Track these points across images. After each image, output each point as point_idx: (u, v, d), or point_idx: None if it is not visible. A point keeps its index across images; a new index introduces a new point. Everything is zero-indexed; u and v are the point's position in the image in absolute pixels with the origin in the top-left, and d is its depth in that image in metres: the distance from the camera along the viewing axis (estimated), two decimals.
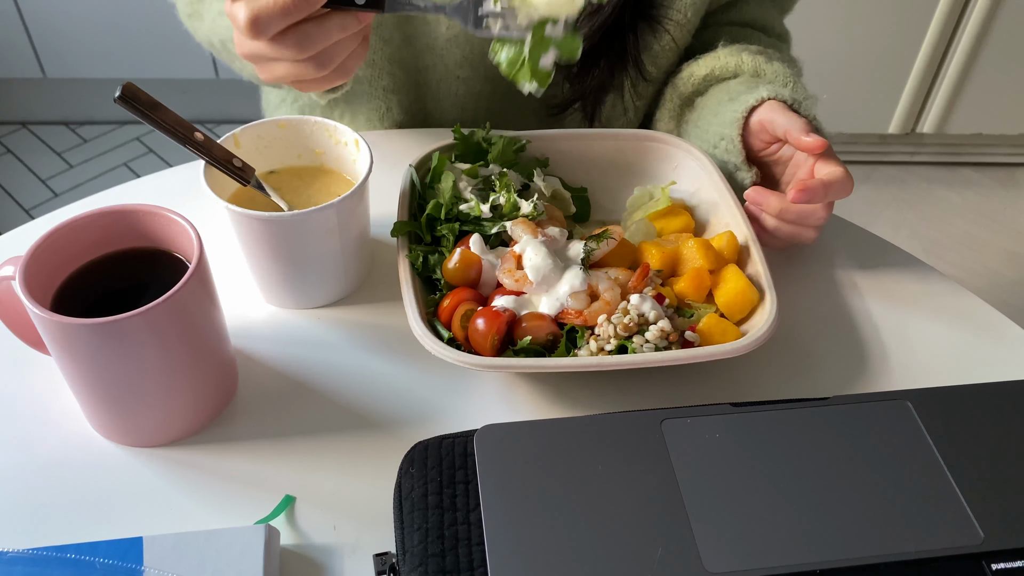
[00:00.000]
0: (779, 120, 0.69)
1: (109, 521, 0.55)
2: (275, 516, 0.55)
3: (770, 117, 0.70)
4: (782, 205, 0.67)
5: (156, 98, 0.60)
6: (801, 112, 0.70)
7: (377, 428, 0.61)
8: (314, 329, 0.68)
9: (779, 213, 0.68)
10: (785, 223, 0.69)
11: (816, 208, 0.67)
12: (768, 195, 0.68)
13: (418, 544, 0.47)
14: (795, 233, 0.69)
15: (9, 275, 0.56)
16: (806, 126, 0.68)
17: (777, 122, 0.69)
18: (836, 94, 1.96)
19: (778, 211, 0.68)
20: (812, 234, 0.70)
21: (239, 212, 0.62)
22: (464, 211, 0.69)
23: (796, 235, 0.70)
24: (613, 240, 0.67)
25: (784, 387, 0.65)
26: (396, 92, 0.87)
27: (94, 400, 0.57)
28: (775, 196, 0.68)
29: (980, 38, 1.90)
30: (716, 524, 0.47)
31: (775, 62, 0.79)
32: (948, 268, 1.94)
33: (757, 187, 0.70)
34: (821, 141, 0.66)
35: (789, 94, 0.71)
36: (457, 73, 0.85)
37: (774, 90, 0.72)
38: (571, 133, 0.78)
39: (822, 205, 0.67)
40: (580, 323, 0.62)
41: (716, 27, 0.87)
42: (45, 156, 2.12)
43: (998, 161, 2.22)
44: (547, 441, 0.51)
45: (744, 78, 0.79)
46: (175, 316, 0.54)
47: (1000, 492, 0.49)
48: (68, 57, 2.06)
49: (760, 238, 0.71)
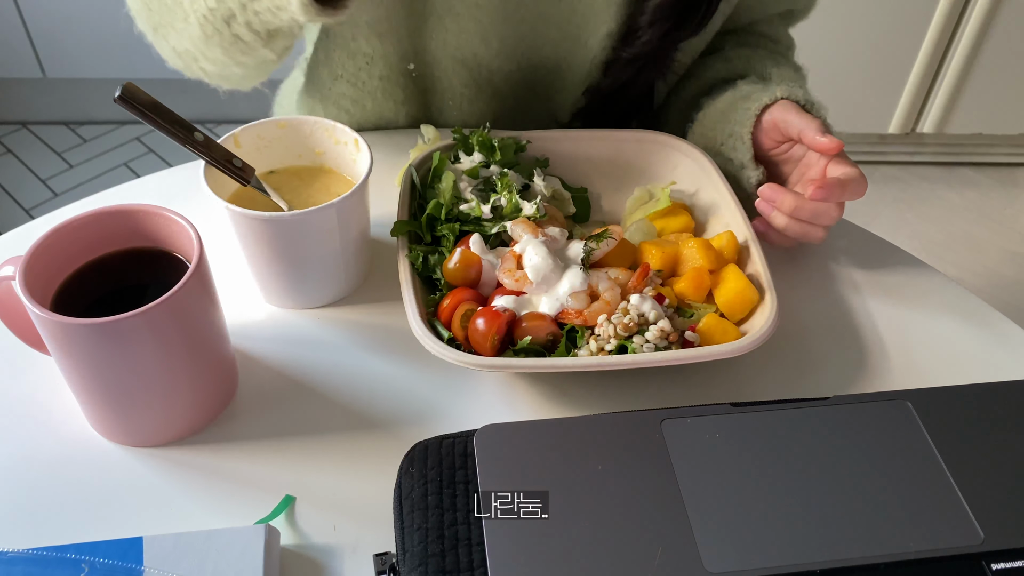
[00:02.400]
0: (793, 120, 0.69)
1: (109, 521, 0.55)
2: (275, 516, 0.55)
3: (784, 117, 0.70)
4: (797, 203, 0.67)
5: (156, 98, 0.60)
6: (814, 113, 0.70)
7: (377, 428, 0.61)
8: (314, 329, 0.68)
9: (793, 211, 0.68)
10: (797, 222, 0.68)
11: (829, 207, 0.67)
12: (782, 192, 0.68)
13: (418, 544, 0.47)
14: (805, 232, 0.69)
15: (9, 275, 0.56)
16: (821, 127, 0.68)
17: (791, 122, 0.69)
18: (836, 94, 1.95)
19: (792, 209, 0.67)
20: (821, 234, 0.69)
21: (239, 212, 0.62)
22: (464, 211, 0.69)
23: (806, 234, 0.69)
24: (613, 240, 0.67)
25: (784, 387, 0.65)
26: (406, 103, 0.87)
27: (94, 400, 0.57)
28: (790, 194, 0.68)
29: (980, 38, 1.90)
30: (716, 524, 0.47)
31: (782, 66, 0.80)
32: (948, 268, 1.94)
33: (771, 184, 0.69)
34: (837, 142, 0.66)
35: (803, 95, 0.71)
36: (461, 91, 0.85)
37: (788, 89, 0.72)
38: (571, 133, 0.78)
39: (835, 205, 0.67)
40: (580, 323, 0.62)
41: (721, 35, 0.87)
42: (45, 156, 2.12)
43: (998, 161, 2.22)
44: (547, 441, 0.51)
45: (751, 79, 0.79)
46: (175, 316, 0.54)
47: (1000, 492, 0.49)
48: (68, 57, 2.06)
49: (767, 236, 0.71)
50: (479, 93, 0.85)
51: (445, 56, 0.82)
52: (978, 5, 1.85)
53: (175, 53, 0.75)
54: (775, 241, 0.72)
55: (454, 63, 0.82)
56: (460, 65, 0.82)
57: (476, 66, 0.82)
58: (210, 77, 0.78)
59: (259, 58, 0.71)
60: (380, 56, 0.82)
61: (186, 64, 0.76)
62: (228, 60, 0.72)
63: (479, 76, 0.83)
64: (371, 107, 0.87)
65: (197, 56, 0.73)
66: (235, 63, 0.72)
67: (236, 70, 0.74)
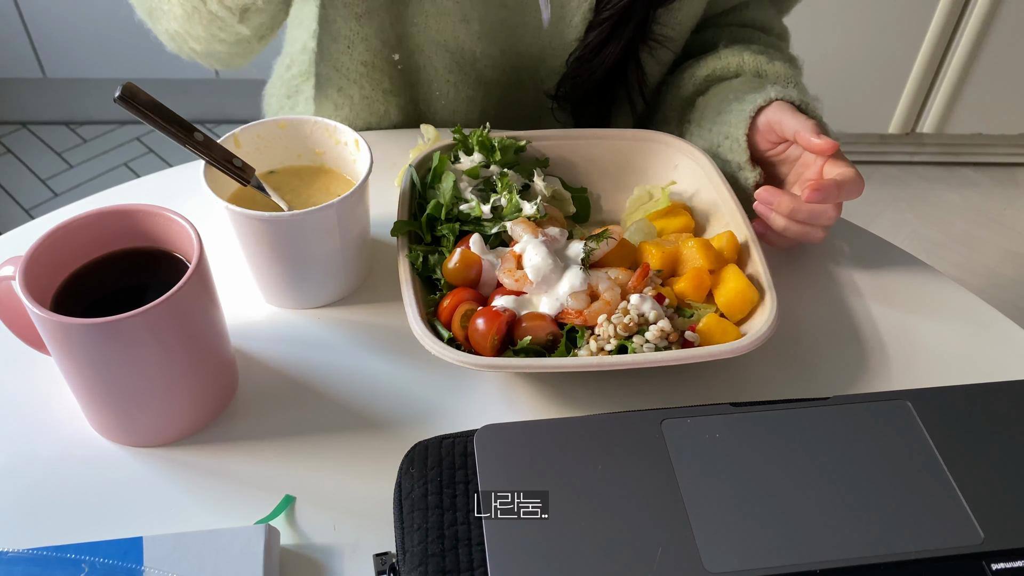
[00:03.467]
0: (788, 121, 0.69)
1: (109, 521, 0.55)
2: (275, 516, 0.55)
3: (778, 118, 0.70)
4: (794, 205, 0.67)
5: (156, 98, 0.60)
6: (808, 113, 0.70)
7: (377, 428, 0.61)
8: (314, 329, 0.68)
9: (790, 213, 0.68)
10: (795, 223, 0.68)
11: (827, 208, 0.67)
12: (779, 195, 0.68)
13: (418, 544, 0.47)
14: (804, 233, 0.69)
15: (9, 275, 0.56)
16: (816, 128, 0.68)
17: (786, 123, 0.69)
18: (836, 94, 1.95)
19: (789, 211, 0.67)
20: (821, 234, 0.69)
21: (239, 212, 0.62)
22: (464, 211, 0.69)
23: (805, 235, 0.69)
24: (613, 240, 0.67)
25: (784, 387, 0.65)
26: (396, 95, 0.87)
27: (94, 400, 0.57)
28: (787, 196, 0.67)
29: (980, 38, 1.90)
30: (716, 524, 0.47)
31: (777, 62, 0.80)
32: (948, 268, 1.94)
33: (768, 187, 0.69)
34: (832, 143, 0.66)
35: (797, 95, 0.71)
36: (447, 77, 0.85)
37: (782, 90, 0.72)
38: (571, 133, 0.78)
39: (833, 205, 0.67)
40: (580, 323, 0.62)
41: (716, 28, 0.87)
42: (45, 156, 2.12)
43: (998, 161, 2.22)
44: (547, 441, 0.51)
45: (746, 78, 0.79)
46: (175, 316, 0.54)
47: (1000, 492, 0.49)
48: (68, 57, 2.06)
49: (767, 238, 0.71)
50: (464, 78, 0.85)
51: (427, 41, 0.82)
52: (978, 5, 1.85)
53: (168, 35, 0.81)
54: (774, 242, 0.72)
55: (436, 48, 0.83)
56: (442, 49, 0.83)
57: (458, 49, 0.83)
58: (200, 57, 0.83)
59: (235, 34, 0.76)
60: (360, 39, 0.83)
61: (179, 46, 0.82)
62: (210, 37, 0.77)
63: (462, 60, 0.84)
64: (359, 98, 0.87)
65: (186, 37, 0.78)
66: (216, 40, 0.78)
67: (219, 47, 0.79)
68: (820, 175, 0.69)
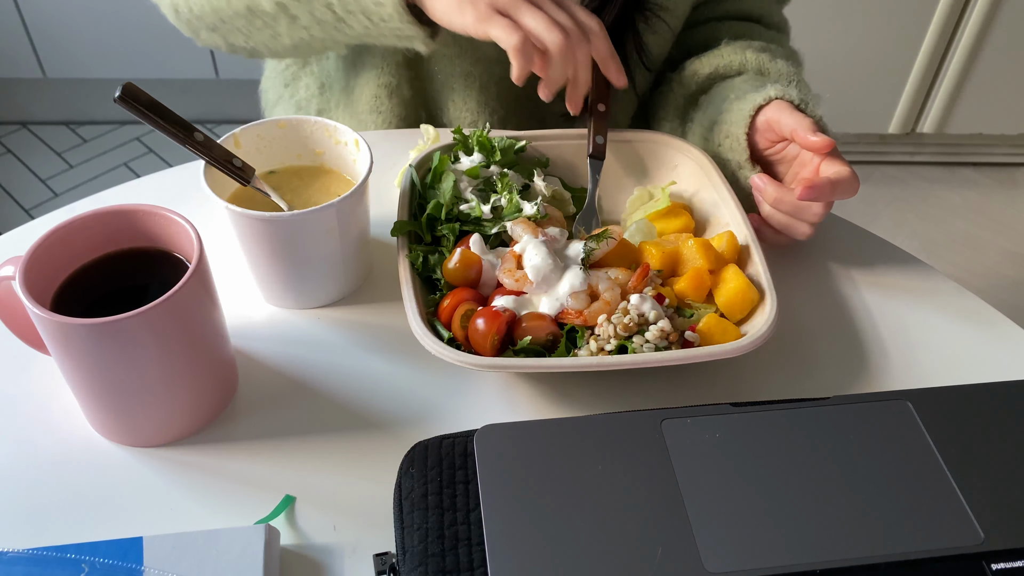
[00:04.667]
0: (786, 120, 0.70)
1: (109, 521, 0.55)
2: (275, 516, 0.55)
3: (777, 117, 0.70)
4: (778, 195, 0.69)
5: (156, 98, 0.60)
6: (807, 112, 0.71)
7: (377, 428, 0.61)
8: (314, 329, 0.68)
9: (774, 202, 0.69)
10: (779, 212, 0.70)
11: (811, 204, 0.68)
12: (769, 183, 0.70)
13: (418, 544, 0.47)
14: (788, 225, 0.71)
15: (9, 275, 0.56)
16: (813, 126, 0.68)
17: (784, 122, 0.70)
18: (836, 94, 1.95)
19: (773, 200, 0.69)
20: (807, 229, 0.70)
21: (239, 212, 0.62)
22: (464, 211, 0.69)
23: (789, 226, 0.71)
24: (613, 240, 0.67)
25: (784, 387, 0.65)
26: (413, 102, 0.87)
27: (94, 400, 0.57)
28: (774, 185, 0.70)
29: (980, 38, 1.90)
30: (716, 524, 0.47)
31: (779, 60, 0.80)
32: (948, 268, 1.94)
33: (763, 175, 0.71)
34: (828, 141, 0.67)
35: (796, 94, 0.72)
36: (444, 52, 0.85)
37: (782, 90, 0.72)
38: (571, 133, 0.78)
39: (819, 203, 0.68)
40: (580, 323, 0.62)
41: (715, 22, 0.87)
42: (45, 156, 2.12)
43: (998, 161, 2.22)
44: (547, 441, 0.51)
45: (748, 76, 0.79)
46: (175, 316, 0.54)
47: (1000, 492, 0.49)
48: (68, 57, 2.06)
49: (762, 233, 0.72)
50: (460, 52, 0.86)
51: None
52: (978, 5, 1.85)
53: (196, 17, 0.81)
54: (770, 238, 0.72)
55: None
56: None
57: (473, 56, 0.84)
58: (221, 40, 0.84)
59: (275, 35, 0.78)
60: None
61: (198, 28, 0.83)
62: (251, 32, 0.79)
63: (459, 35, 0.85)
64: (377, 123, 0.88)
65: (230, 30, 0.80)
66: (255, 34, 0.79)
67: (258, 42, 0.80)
68: (816, 173, 0.69)
